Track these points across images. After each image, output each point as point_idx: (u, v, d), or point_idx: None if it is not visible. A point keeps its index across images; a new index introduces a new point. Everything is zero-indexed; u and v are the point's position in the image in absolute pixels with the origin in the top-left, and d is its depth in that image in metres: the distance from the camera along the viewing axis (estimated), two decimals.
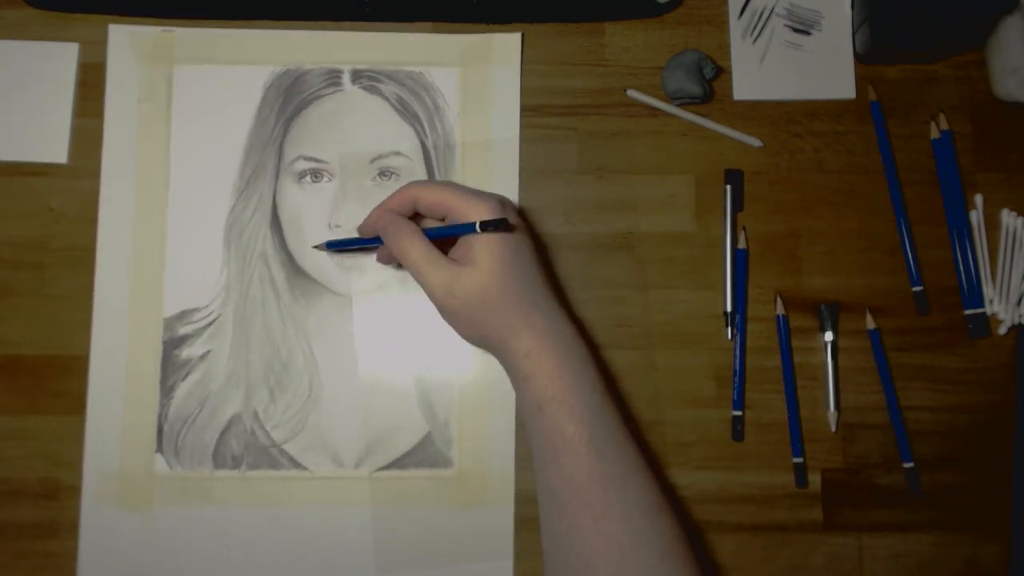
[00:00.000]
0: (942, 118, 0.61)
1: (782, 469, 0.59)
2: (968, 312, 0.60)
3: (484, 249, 0.50)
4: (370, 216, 0.55)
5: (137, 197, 0.59)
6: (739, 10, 0.62)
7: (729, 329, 0.59)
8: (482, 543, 0.57)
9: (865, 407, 0.60)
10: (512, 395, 0.59)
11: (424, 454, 0.58)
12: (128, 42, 0.60)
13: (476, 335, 0.52)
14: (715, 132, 0.61)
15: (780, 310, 0.59)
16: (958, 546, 0.59)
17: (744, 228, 0.60)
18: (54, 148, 0.60)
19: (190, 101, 0.60)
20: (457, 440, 0.59)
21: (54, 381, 0.59)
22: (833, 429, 0.59)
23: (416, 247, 0.51)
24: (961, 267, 0.60)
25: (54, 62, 0.60)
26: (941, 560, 0.59)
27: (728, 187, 0.60)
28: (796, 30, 0.62)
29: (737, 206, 0.60)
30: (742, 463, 0.59)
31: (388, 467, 0.58)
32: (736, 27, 0.62)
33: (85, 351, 0.58)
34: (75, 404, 0.58)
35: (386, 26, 0.61)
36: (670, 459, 0.59)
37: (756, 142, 0.61)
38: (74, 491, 0.58)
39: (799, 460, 0.59)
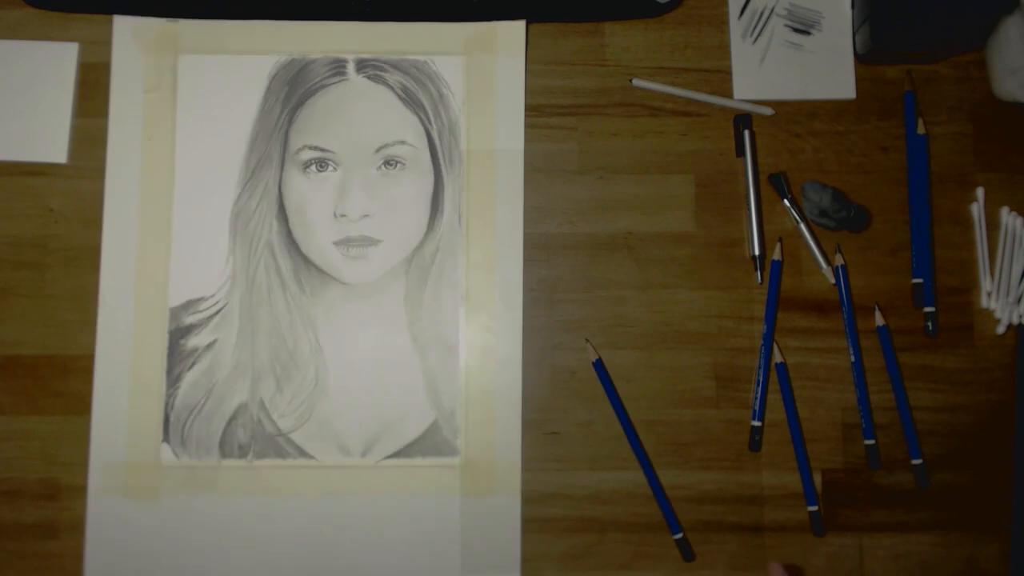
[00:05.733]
0: (920, 122, 0.61)
1: (782, 469, 0.59)
2: (926, 310, 0.60)
3: None
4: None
5: (142, 187, 0.60)
6: (739, 10, 0.62)
7: (759, 274, 0.59)
8: (488, 533, 0.57)
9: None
10: (519, 381, 0.59)
11: (431, 442, 0.58)
12: (132, 33, 0.60)
13: None
14: (716, 132, 0.61)
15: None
16: (958, 546, 0.59)
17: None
18: (54, 148, 0.60)
19: (195, 90, 0.60)
20: (464, 428, 0.58)
21: (54, 381, 0.59)
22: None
23: None
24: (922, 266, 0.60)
25: (54, 62, 0.60)
26: (941, 560, 0.59)
27: (746, 132, 0.60)
28: (796, 30, 0.62)
29: (754, 148, 0.60)
30: (742, 463, 0.59)
31: (394, 456, 0.58)
32: (736, 27, 0.62)
33: (85, 351, 0.58)
34: (75, 404, 0.58)
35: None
36: (670, 459, 0.59)
37: (767, 111, 0.61)
38: (74, 491, 0.58)
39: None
